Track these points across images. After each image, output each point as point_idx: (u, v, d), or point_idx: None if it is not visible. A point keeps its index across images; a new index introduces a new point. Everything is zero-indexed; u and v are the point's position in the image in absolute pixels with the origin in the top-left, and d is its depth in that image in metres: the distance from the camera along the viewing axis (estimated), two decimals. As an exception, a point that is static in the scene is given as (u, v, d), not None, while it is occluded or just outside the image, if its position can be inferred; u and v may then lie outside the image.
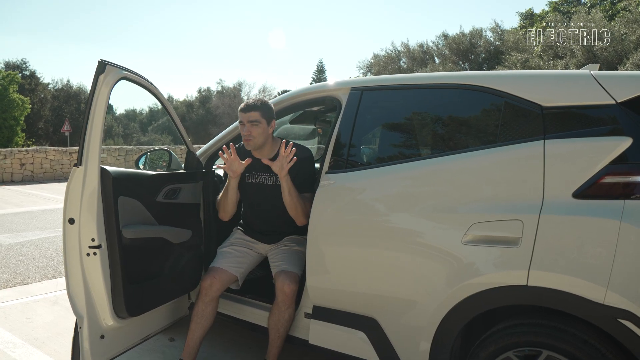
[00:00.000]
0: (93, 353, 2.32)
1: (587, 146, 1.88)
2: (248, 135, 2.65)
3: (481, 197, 2.03)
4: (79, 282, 2.28)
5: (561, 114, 1.97)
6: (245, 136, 2.66)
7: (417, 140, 2.45)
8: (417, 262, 2.15)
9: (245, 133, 2.65)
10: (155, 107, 40.83)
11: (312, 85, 2.85)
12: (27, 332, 3.48)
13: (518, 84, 2.10)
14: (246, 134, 2.65)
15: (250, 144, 2.68)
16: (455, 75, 2.33)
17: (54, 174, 15.46)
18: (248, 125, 2.64)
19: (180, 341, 3.27)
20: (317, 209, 2.44)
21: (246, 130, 2.65)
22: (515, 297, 1.92)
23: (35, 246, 6.19)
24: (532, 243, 1.87)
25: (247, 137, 2.66)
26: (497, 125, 2.09)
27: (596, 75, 1.96)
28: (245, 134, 2.65)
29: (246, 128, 2.65)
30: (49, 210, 9.23)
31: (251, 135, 2.65)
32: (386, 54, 28.02)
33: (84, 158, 2.21)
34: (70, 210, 2.25)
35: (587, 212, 1.80)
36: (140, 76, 2.45)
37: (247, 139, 2.66)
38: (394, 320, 2.27)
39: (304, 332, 2.64)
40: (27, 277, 4.86)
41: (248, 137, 2.65)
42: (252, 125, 2.64)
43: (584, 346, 1.79)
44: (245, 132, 2.65)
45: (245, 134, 2.65)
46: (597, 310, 1.75)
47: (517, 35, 22.20)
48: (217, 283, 2.71)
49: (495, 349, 1.97)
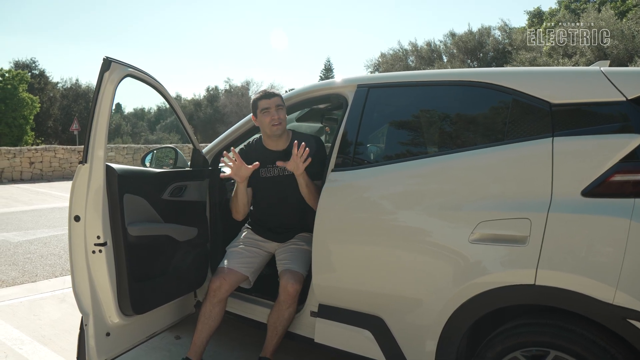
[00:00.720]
0: (99, 350, 2.32)
1: (597, 144, 1.85)
2: (277, 119, 2.67)
3: (489, 195, 2.00)
4: (85, 279, 2.28)
5: (570, 111, 1.94)
6: (275, 121, 2.67)
7: (424, 137, 2.42)
8: (423, 261, 2.13)
9: (274, 117, 2.67)
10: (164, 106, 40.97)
11: (319, 82, 2.84)
12: (34, 329, 3.50)
13: (526, 81, 2.07)
14: (276, 118, 2.67)
15: (280, 128, 2.70)
16: (462, 72, 2.31)
17: (63, 172, 15.59)
18: (274, 109, 2.67)
19: (186, 339, 3.27)
20: (323, 207, 2.42)
21: (275, 115, 2.67)
22: (522, 296, 1.89)
23: (43, 244, 6.23)
24: (540, 242, 1.84)
25: (276, 122, 2.67)
26: (505, 123, 2.06)
27: (606, 72, 1.93)
28: (275, 118, 2.67)
29: (274, 113, 2.67)
30: (57, 209, 9.30)
31: (280, 119, 2.68)
32: (394, 52, 27.97)
33: (89, 155, 2.21)
34: (76, 207, 2.25)
35: (597, 210, 1.77)
36: (146, 73, 2.45)
37: (277, 124, 2.68)
38: (400, 319, 2.25)
39: (309, 330, 2.63)
40: (35, 275, 4.89)
41: (277, 121, 2.67)
42: (279, 110, 2.68)
43: (592, 346, 1.76)
44: (275, 117, 2.67)
45: (275, 118, 2.67)
46: (605, 310, 1.72)
47: (525, 34, 22.05)
48: (226, 285, 2.70)
49: (502, 348, 1.94)
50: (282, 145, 2.81)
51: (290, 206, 2.82)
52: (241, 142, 3.08)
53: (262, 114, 2.70)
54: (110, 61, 2.20)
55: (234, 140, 3.09)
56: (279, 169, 2.80)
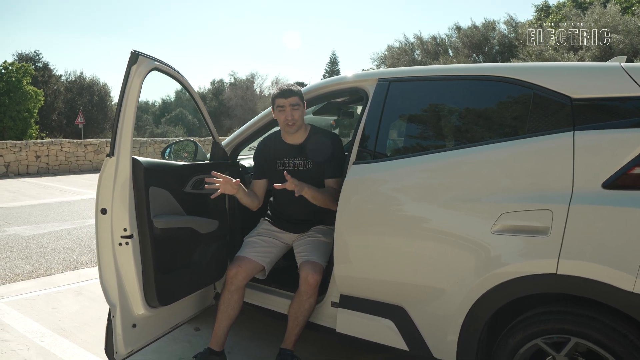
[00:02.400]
0: (126, 342, 2.38)
1: (617, 137, 1.89)
2: (292, 119, 2.73)
3: (511, 187, 2.05)
4: (112, 271, 2.33)
5: (591, 106, 1.98)
6: (289, 120, 2.73)
7: (446, 131, 2.46)
8: (446, 251, 2.18)
9: (289, 117, 2.73)
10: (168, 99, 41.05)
11: (338, 76, 2.88)
12: (54, 322, 3.56)
13: (547, 76, 2.10)
14: (290, 118, 2.73)
15: (294, 127, 2.76)
16: (483, 67, 2.34)
17: (69, 166, 15.64)
18: (290, 109, 2.72)
19: (204, 330, 3.33)
20: (345, 199, 2.47)
21: (290, 115, 2.72)
22: (544, 285, 1.94)
23: (55, 238, 6.29)
24: (561, 232, 1.89)
25: (290, 122, 2.73)
26: (527, 117, 2.10)
27: (626, 68, 1.96)
28: (289, 118, 2.73)
29: (289, 112, 2.72)
30: (66, 202, 9.36)
31: (294, 119, 2.73)
32: (400, 45, 27.89)
33: (117, 148, 2.25)
34: (103, 200, 2.30)
35: (617, 202, 1.82)
36: (170, 67, 2.49)
37: (291, 124, 2.74)
38: (422, 309, 2.30)
39: (330, 320, 2.68)
40: (50, 269, 4.95)
41: (292, 121, 2.73)
42: (294, 109, 2.73)
43: (612, 333, 1.81)
44: (289, 117, 2.73)
45: (289, 117, 2.73)
46: (626, 298, 1.77)
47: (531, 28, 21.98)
48: (242, 272, 2.76)
49: (524, 336, 2.00)
50: (299, 139, 2.86)
51: (305, 199, 2.86)
52: (260, 134, 3.12)
53: (278, 111, 2.76)
54: (137, 54, 2.24)
55: (253, 133, 3.13)
56: (295, 162, 2.85)
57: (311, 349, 3.08)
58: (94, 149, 16.29)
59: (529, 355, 2.02)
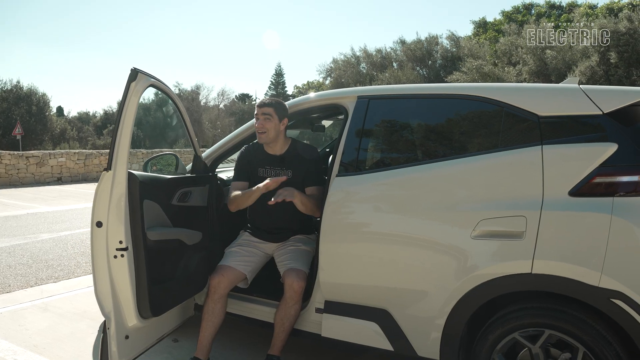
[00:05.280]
0: (120, 354, 2.40)
1: (580, 151, 2.15)
2: (261, 128, 2.87)
3: (488, 196, 2.26)
4: (106, 283, 2.36)
5: (556, 123, 2.23)
6: (259, 128, 2.87)
7: (424, 145, 2.66)
8: (429, 256, 2.36)
9: (258, 126, 2.87)
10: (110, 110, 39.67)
11: (320, 92, 3.03)
12: (24, 340, 3.46)
13: (516, 96, 2.35)
14: (259, 127, 2.87)
15: (262, 137, 2.90)
16: (458, 86, 2.59)
17: (10, 179, 14.86)
18: (262, 118, 2.87)
19: (183, 342, 3.35)
20: (329, 210, 2.60)
21: (260, 124, 2.87)
22: (521, 284, 2.16)
23: (7, 253, 6.03)
24: (535, 236, 2.12)
25: (259, 130, 2.88)
26: (499, 132, 2.33)
27: (585, 89, 2.23)
28: (258, 127, 2.87)
29: (261, 121, 2.87)
30: (12, 217, 8.93)
31: (264, 128, 2.87)
32: (345, 58, 28.49)
33: (114, 162, 2.29)
34: (98, 213, 2.32)
35: (582, 207, 2.07)
36: (164, 84, 2.56)
37: (260, 132, 2.88)
38: (406, 312, 2.46)
39: (314, 326, 2.80)
40: (8, 285, 4.76)
41: (261, 129, 2.87)
42: (265, 119, 2.87)
43: (582, 324, 2.05)
44: (259, 125, 2.87)
45: (259, 126, 2.87)
46: (593, 292, 2.02)
47: (471, 43, 23.13)
48: (225, 281, 2.83)
49: (502, 331, 2.21)
50: (279, 151, 2.99)
51: (283, 208, 2.94)
52: (240, 148, 3.21)
53: (255, 120, 2.93)
54: (137, 72, 2.30)
55: (233, 146, 3.22)
56: (275, 171, 2.98)
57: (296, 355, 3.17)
58: (36, 162, 15.57)
59: (506, 349, 2.23)
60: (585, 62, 16.82)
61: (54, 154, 16.38)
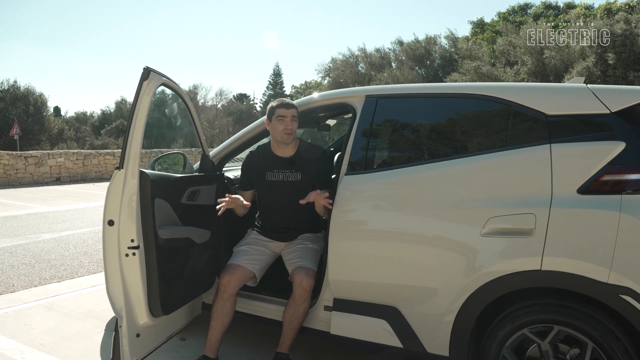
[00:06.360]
0: (131, 351, 2.42)
1: (588, 149, 2.17)
2: (290, 130, 2.89)
3: (497, 194, 2.28)
4: (118, 281, 2.37)
5: (564, 122, 2.26)
6: (287, 130, 2.88)
7: (433, 144, 2.69)
8: (438, 254, 2.38)
9: (288, 127, 2.88)
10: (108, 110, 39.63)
11: (328, 92, 3.05)
12: (31, 339, 3.47)
13: (525, 95, 2.38)
14: (289, 128, 2.88)
15: (290, 137, 2.92)
16: (467, 85, 2.60)
17: (9, 179, 14.82)
18: (290, 120, 2.89)
19: (190, 340, 3.36)
20: (339, 208, 2.63)
21: (289, 125, 2.88)
22: (530, 280, 2.19)
23: (9, 254, 6.02)
24: (544, 233, 2.14)
25: (289, 132, 2.89)
26: (508, 131, 2.36)
27: (592, 89, 2.26)
28: (289, 128, 2.88)
29: (289, 123, 2.88)
30: (12, 217, 8.92)
31: (293, 130, 2.90)
32: (344, 57, 28.52)
33: (126, 161, 2.31)
34: (110, 212, 2.34)
35: (591, 205, 2.10)
36: (175, 83, 2.58)
37: (289, 133, 2.90)
38: (415, 309, 2.49)
39: (323, 324, 2.82)
40: (12, 285, 4.76)
41: (290, 131, 2.89)
42: (293, 121, 2.90)
43: (590, 320, 2.08)
44: (289, 127, 2.88)
45: (289, 127, 2.88)
46: (601, 288, 2.05)
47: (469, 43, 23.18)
48: (235, 279, 2.85)
49: (512, 327, 2.23)
50: (289, 152, 3.00)
51: (293, 209, 2.98)
52: (248, 146, 3.23)
53: (277, 121, 2.89)
54: (149, 71, 2.32)
55: (240, 145, 3.23)
56: (284, 174, 2.99)
57: (304, 352, 3.19)
58: (35, 162, 15.53)
59: (516, 344, 2.25)
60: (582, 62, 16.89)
61: (53, 154, 16.34)
